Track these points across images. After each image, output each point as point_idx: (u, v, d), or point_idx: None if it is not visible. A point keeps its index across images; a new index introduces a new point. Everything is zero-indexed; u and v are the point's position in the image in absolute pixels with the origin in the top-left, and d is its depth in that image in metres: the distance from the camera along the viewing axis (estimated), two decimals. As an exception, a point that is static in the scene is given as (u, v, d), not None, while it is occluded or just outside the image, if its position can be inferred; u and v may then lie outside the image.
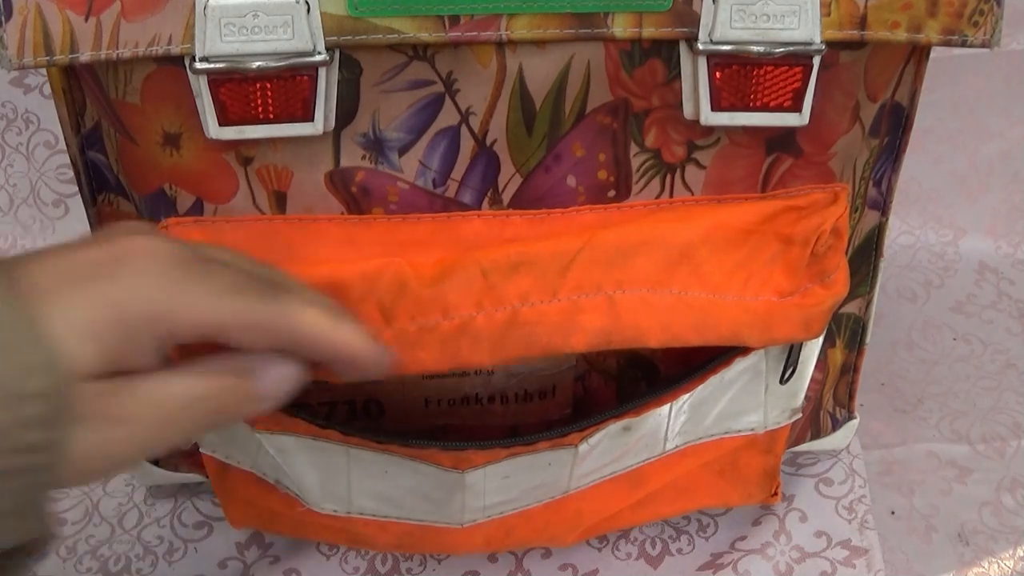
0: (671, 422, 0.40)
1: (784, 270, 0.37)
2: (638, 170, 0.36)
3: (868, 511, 0.48)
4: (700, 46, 0.33)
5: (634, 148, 0.36)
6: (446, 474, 0.38)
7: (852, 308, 0.44)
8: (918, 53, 0.37)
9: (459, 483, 0.38)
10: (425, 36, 0.32)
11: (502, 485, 0.39)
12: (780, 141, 0.36)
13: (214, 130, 0.33)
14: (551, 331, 0.34)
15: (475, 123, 0.34)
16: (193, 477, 0.47)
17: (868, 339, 0.46)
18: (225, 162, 0.35)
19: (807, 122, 0.35)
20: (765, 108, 0.34)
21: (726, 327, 0.36)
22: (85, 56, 0.32)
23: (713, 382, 0.39)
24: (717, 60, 0.33)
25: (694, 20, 0.33)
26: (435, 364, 0.34)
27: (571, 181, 0.36)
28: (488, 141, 0.35)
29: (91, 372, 0.25)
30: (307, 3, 0.31)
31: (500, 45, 0.33)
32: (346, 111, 0.34)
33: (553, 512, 0.41)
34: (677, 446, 0.41)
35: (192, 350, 0.28)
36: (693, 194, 0.37)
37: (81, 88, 0.36)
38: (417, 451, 0.37)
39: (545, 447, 0.38)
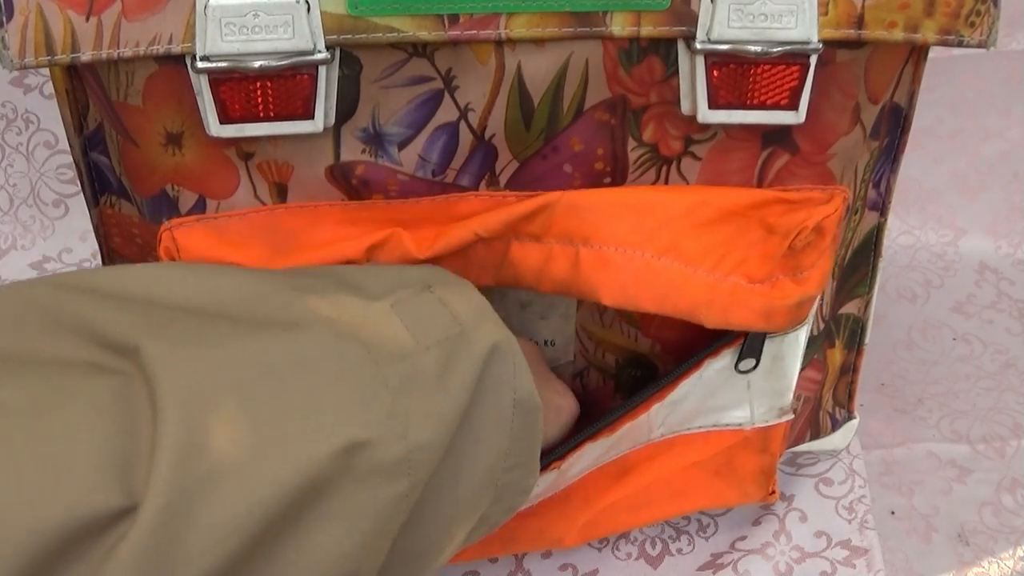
0: (653, 415, 0.40)
1: (759, 257, 0.36)
2: (635, 162, 0.36)
3: (868, 511, 0.48)
4: (698, 45, 0.33)
5: (631, 143, 0.36)
6: None
7: (852, 308, 0.44)
8: (916, 53, 0.37)
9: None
10: (424, 35, 0.32)
11: None
12: (776, 135, 0.36)
13: (215, 128, 0.33)
14: (529, 273, 0.36)
15: (474, 119, 0.35)
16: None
17: (868, 339, 0.46)
18: (226, 157, 0.35)
19: (803, 120, 0.35)
20: (762, 106, 0.34)
21: (685, 302, 0.36)
22: (86, 56, 0.32)
23: (687, 383, 0.39)
24: (715, 59, 0.33)
25: (692, 19, 0.33)
26: None
27: (567, 168, 0.36)
28: (487, 137, 0.35)
29: None
30: (307, 2, 0.31)
31: (499, 43, 0.33)
32: (346, 107, 0.34)
33: (541, 505, 0.41)
34: (663, 435, 0.42)
35: None
36: (688, 184, 0.37)
37: (84, 90, 0.36)
38: None
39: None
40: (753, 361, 0.40)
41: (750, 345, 0.39)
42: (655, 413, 0.40)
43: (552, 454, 0.38)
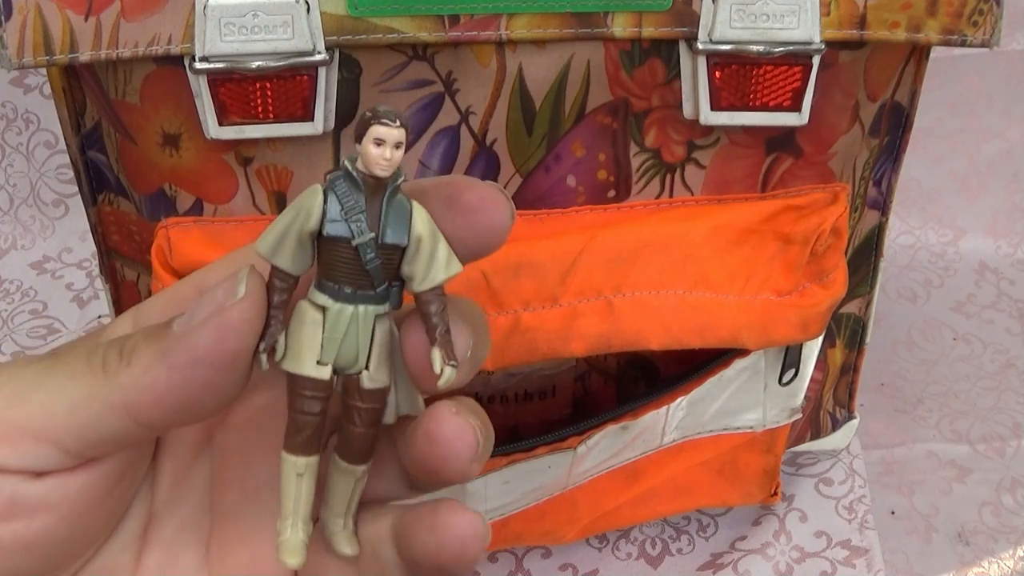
0: (669, 417, 0.40)
1: (783, 269, 0.37)
2: (638, 170, 0.36)
3: (868, 511, 0.48)
4: (700, 46, 0.33)
5: (634, 148, 0.36)
6: None
7: (852, 308, 0.44)
8: (918, 53, 0.37)
9: (459, 492, 0.38)
10: (425, 36, 0.32)
11: (503, 490, 0.39)
12: (780, 141, 0.36)
13: (214, 130, 0.33)
14: (551, 337, 0.35)
15: (475, 123, 0.34)
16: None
17: (868, 339, 0.46)
18: (225, 162, 0.35)
19: (807, 122, 0.35)
20: (765, 108, 0.34)
21: (726, 330, 0.36)
22: (85, 56, 0.32)
23: (712, 381, 0.39)
24: (717, 60, 0.33)
25: (694, 20, 0.33)
26: None
27: (571, 181, 0.36)
28: (488, 141, 0.35)
29: None
30: (307, 3, 0.31)
31: (500, 45, 0.33)
32: (346, 111, 0.34)
33: (549, 505, 0.41)
34: (674, 440, 0.41)
35: None
36: (693, 194, 0.37)
37: (81, 88, 0.36)
38: None
39: (544, 452, 0.38)
40: (794, 371, 0.40)
41: (790, 356, 0.39)
42: (671, 415, 0.40)
43: (573, 428, 0.37)
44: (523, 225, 0.36)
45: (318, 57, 0.32)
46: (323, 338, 0.21)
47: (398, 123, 0.20)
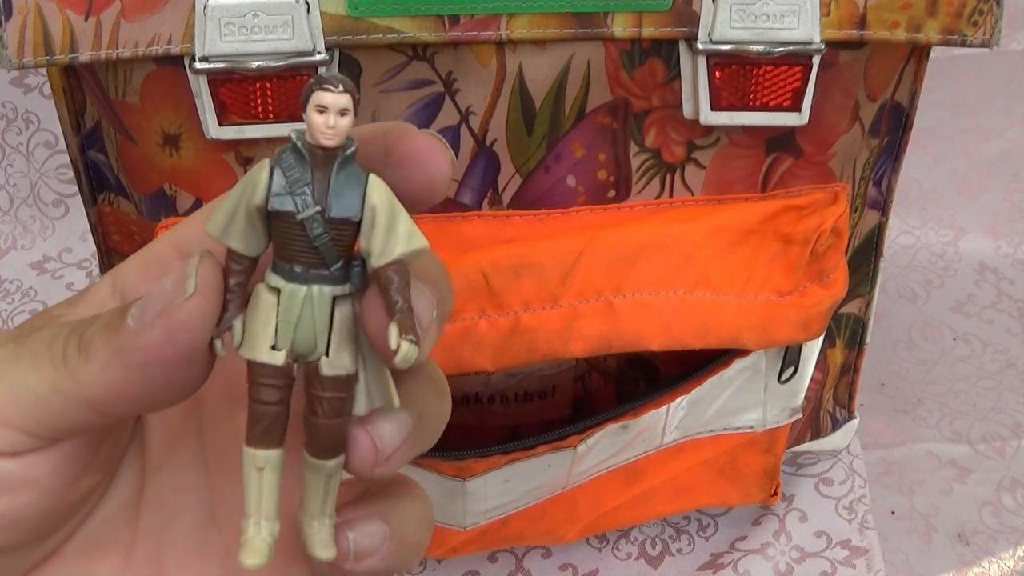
0: (669, 417, 0.40)
1: (783, 269, 0.37)
2: (638, 170, 0.36)
3: (868, 511, 0.48)
4: (700, 46, 0.33)
5: (634, 148, 0.36)
6: (447, 481, 0.38)
7: (852, 308, 0.44)
8: (918, 53, 0.37)
9: (460, 490, 0.38)
10: (425, 36, 0.32)
11: (503, 489, 0.39)
12: (780, 141, 0.36)
13: (214, 130, 0.33)
14: (552, 338, 0.34)
15: (475, 123, 0.34)
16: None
17: (868, 339, 0.46)
18: (225, 162, 0.35)
19: (807, 122, 0.35)
20: (765, 108, 0.34)
21: (727, 330, 0.36)
22: (85, 56, 0.32)
23: (712, 380, 0.39)
24: (717, 60, 0.33)
25: (694, 20, 0.33)
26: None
27: (571, 181, 0.36)
28: (488, 141, 0.35)
29: None
30: (307, 3, 0.31)
31: (500, 45, 0.33)
32: (346, 111, 0.34)
33: (550, 504, 0.41)
34: (674, 440, 0.41)
35: None
36: (693, 194, 0.37)
37: (81, 88, 0.36)
38: (418, 461, 0.37)
39: (544, 451, 0.38)
40: (794, 368, 0.40)
41: (789, 354, 0.39)
42: (672, 415, 0.40)
43: (573, 427, 0.38)
44: (523, 225, 0.36)
45: (318, 57, 0.32)
46: (277, 322, 0.20)
47: (341, 87, 0.19)
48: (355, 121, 0.20)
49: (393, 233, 0.20)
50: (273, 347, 0.20)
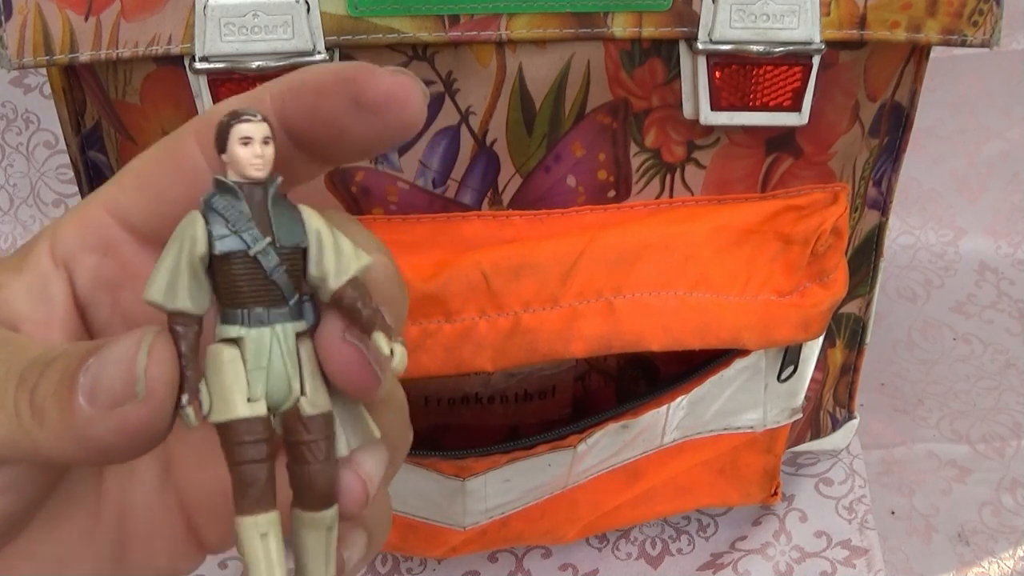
0: (669, 417, 0.40)
1: (783, 269, 0.37)
2: (638, 170, 0.36)
3: (868, 511, 0.48)
4: (700, 46, 0.33)
5: (634, 148, 0.36)
6: (448, 481, 0.38)
7: (852, 308, 0.44)
8: (918, 53, 0.37)
9: (460, 489, 0.38)
10: (425, 36, 0.32)
11: (503, 488, 0.39)
12: (780, 141, 0.36)
13: (214, 130, 0.33)
14: (552, 338, 0.34)
15: (475, 123, 0.34)
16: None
17: (868, 339, 0.46)
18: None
19: (807, 122, 0.35)
20: (765, 108, 0.34)
21: (727, 330, 0.36)
22: (85, 56, 0.32)
23: (712, 380, 0.39)
24: (717, 60, 0.33)
25: (694, 20, 0.33)
26: (438, 369, 0.34)
27: (571, 181, 0.36)
28: (488, 141, 0.35)
29: None
30: (307, 3, 0.31)
31: (500, 45, 0.33)
32: (346, 111, 0.34)
33: (550, 504, 0.41)
34: (675, 440, 0.41)
35: None
36: (693, 194, 0.37)
37: (81, 88, 0.36)
38: (418, 460, 0.37)
39: (544, 450, 0.38)
40: (794, 368, 0.40)
41: (789, 354, 0.39)
42: (672, 415, 0.40)
43: (573, 427, 0.38)
44: (523, 225, 0.36)
45: (318, 57, 0.32)
46: (247, 372, 0.19)
47: (259, 117, 0.19)
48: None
49: (342, 253, 0.19)
50: (249, 399, 0.19)
